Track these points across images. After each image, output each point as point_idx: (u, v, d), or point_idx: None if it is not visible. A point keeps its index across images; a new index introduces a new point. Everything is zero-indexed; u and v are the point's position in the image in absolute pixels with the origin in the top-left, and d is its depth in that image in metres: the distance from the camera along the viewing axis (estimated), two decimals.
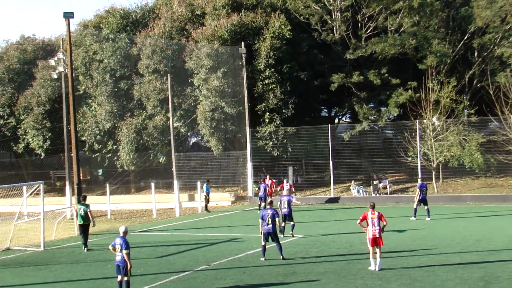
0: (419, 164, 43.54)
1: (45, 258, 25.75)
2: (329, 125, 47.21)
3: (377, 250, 20.28)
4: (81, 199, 28.78)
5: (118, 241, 17.84)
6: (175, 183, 43.28)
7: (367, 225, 20.41)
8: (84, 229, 27.50)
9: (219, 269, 21.66)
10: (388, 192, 45.47)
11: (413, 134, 43.96)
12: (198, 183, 43.44)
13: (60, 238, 31.36)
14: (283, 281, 19.46)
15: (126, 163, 48.94)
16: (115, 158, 50.36)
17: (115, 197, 47.38)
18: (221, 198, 47.31)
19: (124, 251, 17.56)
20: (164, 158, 48.92)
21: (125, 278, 17.68)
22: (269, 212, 22.98)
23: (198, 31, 48.28)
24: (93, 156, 53.13)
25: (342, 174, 47.80)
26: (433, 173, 44.11)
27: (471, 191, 43.86)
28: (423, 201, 32.91)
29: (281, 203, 28.69)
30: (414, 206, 33.02)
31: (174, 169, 44.37)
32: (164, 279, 20.32)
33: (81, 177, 40.78)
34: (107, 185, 44.35)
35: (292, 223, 28.42)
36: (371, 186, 46.22)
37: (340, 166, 47.33)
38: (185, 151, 55.15)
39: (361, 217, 20.60)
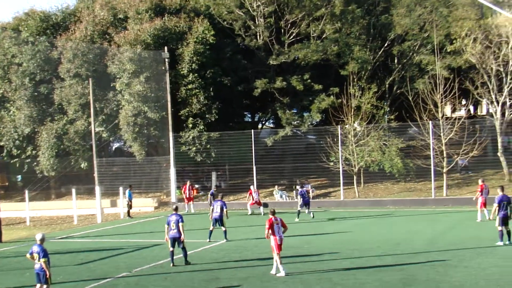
0: (340, 169, 44.06)
1: None
2: (252, 130, 47.33)
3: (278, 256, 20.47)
4: None
5: (36, 249, 17.46)
6: (97, 189, 42.66)
7: (273, 232, 20.50)
8: None
9: (141, 276, 21.43)
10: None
11: (335, 139, 44.44)
12: (121, 188, 42.97)
13: None
14: (205, 287, 19.39)
15: (46, 169, 47.93)
16: (35, 163, 49.26)
17: (35, 203, 46.43)
18: (144, 204, 46.88)
19: (41, 260, 17.19)
20: (86, 164, 48.09)
21: (45, 286, 17.33)
22: (174, 217, 23.06)
23: (120, 35, 47.67)
24: (11, 161, 51.88)
25: (266, 179, 48.00)
26: (355, 177, 44.70)
27: (391, 195, 44.69)
28: (306, 204, 35.89)
29: (213, 207, 28.72)
30: (299, 208, 35.85)
31: (95, 174, 43.78)
32: (84, 287, 19.99)
33: None
34: (26, 191, 43.42)
35: (223, 228, 28.45)
36: (294, 191, 46.60)
37: (264, 171, 47.53)
38: (107, 156, 54.36)
39: (268, 226, 20.54)
